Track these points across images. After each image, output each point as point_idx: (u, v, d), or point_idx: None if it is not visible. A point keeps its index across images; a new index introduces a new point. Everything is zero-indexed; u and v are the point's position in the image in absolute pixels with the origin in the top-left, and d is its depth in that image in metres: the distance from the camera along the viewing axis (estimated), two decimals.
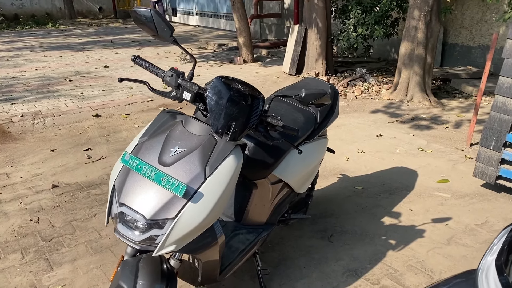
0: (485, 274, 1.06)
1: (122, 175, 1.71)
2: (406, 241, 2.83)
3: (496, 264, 1.03)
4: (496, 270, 1.02)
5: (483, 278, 1.06)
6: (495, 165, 3.30)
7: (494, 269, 1.03)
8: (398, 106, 5.76)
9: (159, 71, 1.82)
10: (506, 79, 3.18)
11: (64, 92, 6.46)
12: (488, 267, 1.06)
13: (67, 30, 14.55)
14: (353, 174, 3.80)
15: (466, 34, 7.43)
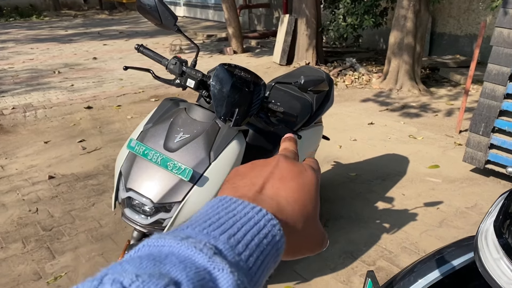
0: (484, 236, 1.13)
1: (128, 161, 1.74)
2: (400, 224, 2.91)
3: (494, 226, 1.11)
4: (495, 232, 1.10)
5: (483, 240, 1.13)
6: (484, 150, 3.40)
7: (493, 231, 1.10)
8: (388, 95, 5.85)
9: (163, 60, 1.85)
10: (494, 66, 3.27)
11: (54, 85, 6.42)
12: (487, 230, 1.14)
13: (52, 22, 14.35)
14: (346, 161, 3.88)
15: (454, 23, 7.54)
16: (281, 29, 7.54)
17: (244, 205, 0.38)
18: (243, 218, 0.37)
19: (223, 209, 0.37)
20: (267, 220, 0.37)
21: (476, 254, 1.14)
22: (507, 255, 1.07)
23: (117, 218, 3.01)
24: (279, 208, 0.40)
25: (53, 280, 2.42)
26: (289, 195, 0.42)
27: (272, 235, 0.37)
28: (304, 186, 0.43)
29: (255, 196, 0.41)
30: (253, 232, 0.36)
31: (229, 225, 0.35)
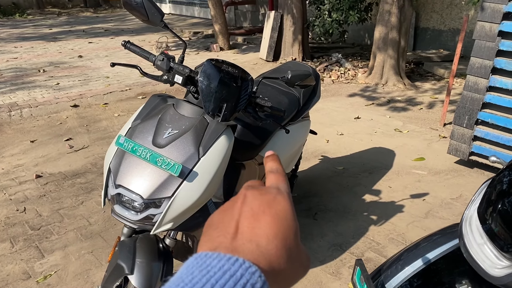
0: (469, 222, 1.17)
1: (117, 158, 1.75)
2: (387, 216, 2.96)
3: (478, 213, 1.14)
4: (478, 219, 1.13)
5: (467, 226, 1.17)
6: (468, 142, 3.46)
7: (476, 217, 1.14)
8: (374, 90, 5.91)
9: (150, 56, 1.86)
10: (477, 59, 3.33)
11: (39, 83, 6.35)
12: (471, 216, 1.17)
13: (36, 20, 14.16)
14: (333, 155, 3.92)
15: (437, 18, 7.63)
16: (267, 26, 7.56)
17: (220, 258, 0.36)
18: (218, 273, 0.34)
19: (197, 268, 0.35)
20: (244, 269, 0.35)
21: (461, 240, 1.18)
22: (491, 240, 1.10)
23: (106, 215, 3.01)
24: (261, 250, 0.38)
25: (42, 279, 2.42)
26: (267, 231, 0.39)
27: (252, 284, 0.34)
28: (280, 216, 0.40)
29: (232, 243, 0.38)
30: (229, 286, 0.34)
31: (202, 284, 0.33)
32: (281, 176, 0.47)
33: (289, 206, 0.42)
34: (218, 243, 0.39)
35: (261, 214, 0.40)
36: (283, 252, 0.39)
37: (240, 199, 0.43)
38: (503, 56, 3.19)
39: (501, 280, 1.10)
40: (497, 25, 3.18)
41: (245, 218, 0.40)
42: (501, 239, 1.12)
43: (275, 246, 0.38)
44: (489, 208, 1.13)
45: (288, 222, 0.40)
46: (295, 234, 0.41)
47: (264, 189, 0.44)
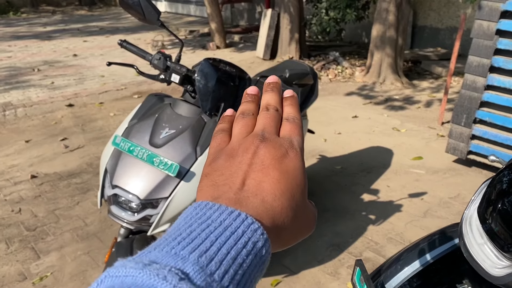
0: (469, 222, 1.16)
1: (114, 158, 1.72)
2: (385, 215, 2.95)
3: (478, 213, 1.13)
4: (479, 218, 1.12)
5: (467, 226, 1.15)
6: (466, 141, 3.45)
7: (477, 217, 1.13)
8: (371, 88, 5.90)
9: (147, 55, 1.83)
10: (474, 58, 3.32)
11: (33, 83, 6.30)
12: (471, 216, 1.16)
13: (30, 18, 14.07)
14: (331, 154, 3.90)
15: (435, 16, 7.63)
16: (264, 24, 7.53)
17: (221, 210, 0.34)
18: (218, 228, 0.33)
19: (196, 220, 0.34)
20: (246, 225, 0.34)
21: (461, 240, 1.17)
22: (491, 240, 1.09)
23: (103, 216, 2.98)
24: (265, 206, 0.36)
25: (38, 280, 2.39)
26: (274, 187, 0.38)
27: (253, 242, 0.33)
28: (289, 173, 0.39)
29: (237, 194, 0.37)
30: (229, 244, 0.32)
31: (201, 240, 0.32)
32: (297, 128, 0.44)
33: (300, 163, 0.41)
34: (221, 192, 0.37)
35: (271, 169, 0.39)
36: (288, 210, 0.38)
37: (252, 149, 0.40)
38: (501, 55, 3.18)
39: (502, 280, 1.08)
40: (495, 24, 3.16)
41: (253, 171, 0.39)
42: (502, 239, 1.10)
43: (281, 204, 0.37)
44: (489, 207, 1.12)
45: (297, 180, 0.39)
46: (302, 192, 0.40)
47: (277, 142, 0.41)
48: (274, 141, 0.41)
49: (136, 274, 0.28)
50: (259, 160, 0.39)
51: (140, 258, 0.30)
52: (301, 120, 0.45)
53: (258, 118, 0.44)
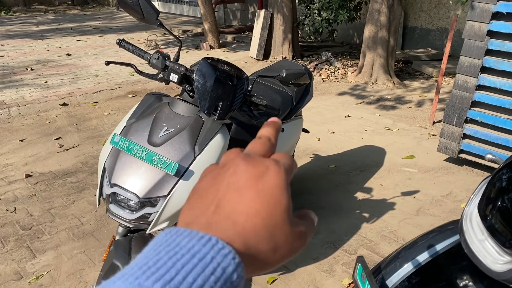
0: (469, 219, 1.19)
1: (112, 157, 1.74)
2: (379, 213, 2.99)
3: (478, 209, 1.16)
4: (479, 215, 1.15)
5: (468, 223, 1.19)
6: (458, 140, 3.51)
7: (477, 213, 1.16)
8: (363, 88, 5.96)
9: (145, 54, 1.85)
10: (466, 58, 3.38)
11: (27, 82, 6.27)
12: (471, 213, 1.19)
13: (22, 17, 13.97)
14: (325, 153, 3.94)
15: (425, 17, 7.71)
16: (257, 24, 7.56)
17: (191, 236, 0.33)
18: (186, 255, 0.31)
19: (165, 247, 0.32)
20: (216, 251, 0.32)
21: (462, 236, 1.20)
22: (492, 236, 1.12)
23: (99, 215, 2.99)
24: (236, 229, 0.35)
25: (34, 279, 2.40)
26: (247, 207, 0.35)
27: (223, 268, 0.32)
28: (265, 192, 0.36)
29: (209, 218, 0.35)
30: (196, 272, 0.31)
31: (166, 269, 0.30)
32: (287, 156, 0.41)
33: (281, 181, 0.37)
34: (194, 217, 0.36)
35: (247, 188, 0.36)
36: (262, 232, 0.35)
37: (232, 168, 0.38)
38: (492, 55, 3.24)
39: (503, 276, 1.12)
40: (486, 25, 3.22)
41: (229, 190, 0.37)
42: (502, 235, 1.14)
43: (253, 225, 0.35)
44: (490, 204, 1.15)
45: (275, 199, 0.36)
46: (283, 212, 0.36)
47: (259, 160, 0.38)
48: (256, 159, 0.39)
49: None
50: (236, 179, 0.37)
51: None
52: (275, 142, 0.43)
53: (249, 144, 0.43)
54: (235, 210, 0.35)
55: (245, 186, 0.36)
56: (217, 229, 0.35)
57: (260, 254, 0.36)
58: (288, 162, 0.40)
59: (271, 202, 0.36)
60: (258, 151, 0.41)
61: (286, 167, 0.39)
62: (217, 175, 0.39)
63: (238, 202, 0.36)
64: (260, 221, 0.35)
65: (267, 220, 0.36)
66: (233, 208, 0.36)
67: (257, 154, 0.40)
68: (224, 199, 0.36)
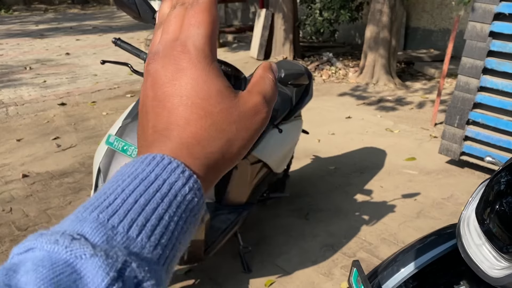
0: (467, 223, 1.16)
1: (107, 157, 1.71)
2: (379, 216, 2.95)
3: (476, 213, 1.13)
4: (476, 219, 1.12)
5: (465, 227, 1.15)
6: (459, 142, 3.47)
7: (474, 218, 1.13)
8: (364, 89, 5.92)
9: (141, 53, 1.81)
10: (468, 59, 3.34)
11: (25, 81, 6.24)
12: (469, 217, 1.16)
13: (22, 16, 13.95)
14: (325, 155, 3.90)
15: (428, 17, 7.67)
16: (258, 24, 7.52)
17: (135, 162, 0.31)
18: (127, 180, 0.30)
19: (111, 182, 0.31)
20: (161, 167, 0.30)
21: (459, 240, 1.17)
22: (489, 240, 1.09)
23: None
24: (175, 142, 0.32)
25: None
26: (178, 118, 0.33)
27: (170, 183, 0.30)
28: (188, 93, 0.33)
29: (151, 137, 0.33)
30: (138, 192, 0.29)
31: (105, 197, 0.29)
32: (196, 14, 0.34)
33: (197, 71, 0.33)
34: (140, 144, 0.35)
35: (169, 98, 0.33)
36: (204, 134, 0.32)
37: (150, 78, 0.34)
38: (494, 57, 3.21)
39: (500, 281, 1.08)
40: (488, 26, 3.18)
41: (155, 107, 0.34)
42: (500, 240, 1.11)
43: (190, 133, 0.32)
44: (487, 208, 1.12)
45: (201, 94, 0.33)
46: (219, 102, 0.33)
47: (167, 56, 0.34)
48: (163, 57, 0.34)
49: (32, 245, 0.26)
50: (155, 92, 0.34)
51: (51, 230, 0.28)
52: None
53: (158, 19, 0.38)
54: (167, 124, 0.33)
55: (164, 97, 0.33)
56: (160, 147, 0.32)
57: (215, 153, 0.33)
58: (198, 30, 0.34)
59: (197, 101, 0.33)
60: (167, 36, 0.35)
61: (199, 43, 0.33)
62: (144, 97, 0.36)
63: (167, 116, 0.33)
64: (194, 127, 0.32)
65: (203, 121, 0.32)
66: (165, 123, 0.33)
67: (168, 40, 0.34)
68: (154, 117, 0.34)
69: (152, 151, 0.32)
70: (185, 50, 0.33)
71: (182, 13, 0.35)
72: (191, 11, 0.34)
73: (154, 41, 0.37)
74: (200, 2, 0.34)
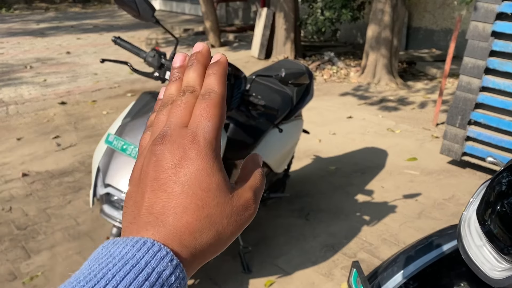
0: (467, 224, 1.14)
1: (106, 156, 1.70)
2: (379, 216, 2.94)
3: (477, 214, 1.12)
4: (477, 220, 1.10)
5: (466, 228, 1.14)
6: (461, 142, 3.45)
7: (475, 219, 1.11)
8: (366, 89, 5.90)
9: (141, 52, 1.80)
10: (470, 59, 3.32)
11: (26, 80, 6.23)
12: (470, 218, 1.15)
13: (23, 15, 13.94)
14: (326, 155, 3.89)
15: (430, 17, 7.65)
16: (259, 23, 7.51)
17: (125, 243, 0.31)
18: (118, 264, 0.30)
19: (99, 259, 0.30)
20: (151, 254, 0.30)
21: (460, 241, 1.15)
22: (490, 242, 1.08)
23: (95, 215, 2.94)
24: (169, 229, 0.32)
25: (29, 280, 2.35)
26: (174, 204, 0.33)
27: (158, 272, 0.30)
28: (190, 181, 0.33)
29: (145, 220, 0.33)
30: (128, 280, 0.29)
31: (96, 281, 0.29)
32: (209, 107, 0.35)
33: (203, 162, 0.34)
34: (127, 223, 0.34)
35: (169, 184, 0.33)
36: (197, 225, 0.33)
37: (152, 160, 0.34)
38: (496, 57, 3.19)
39: (501, 283, 1.07)
40: (490, 25, 3.17)
41: (154, 189, 0.34)
42: (501, 241, 1.09)
43: (185, 223, 0.33)
44: (488, 209, 1.11)
45: (203, 185, 0.33)
46: (216, 196, 0.34)
47: (175, 142, 0.34)
48: (172, 142, 0.34)
49: None
50: (156, 174, 0.34)
51: None
52: (223, 93, 0.37)
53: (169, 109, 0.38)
54: (164, 209, 0.33)
55: (167, 181, 0.33)
56: (153, 231, 0.32)
57: (203, 244, 0.34)
58: (210, 124, 0.35)
59: (198, 191, 0.33)
60: (176, 121, 0.35)
61: (210, 136, 0.35)
62: (141, 172, 0.36)
63: (165, 200, 0.33)
64: (191, 217, 0.33)
65: (199, 212, 0.33)
66: (161, 207, 0.33)
67: (177, 125, 0.35)
68: (152, 198, 0.34)
69: (144, 234, 0.32)
70: (195, 141, 0.34)
71: (191, 101, 0.36)
72: (203, 103, 0.36)
73: (159, 119, 0.37)
74: (212, 96, 0.36)
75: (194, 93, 0.37)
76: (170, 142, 0.34)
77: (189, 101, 0.36)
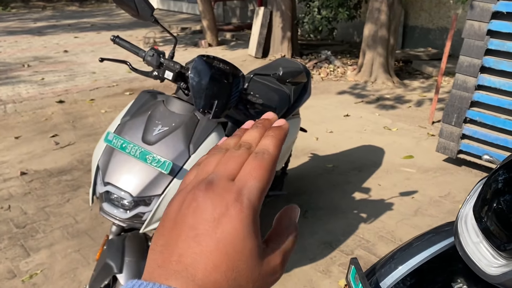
0: (464, 221, 1.16)
1: (106, 155, 1.71)
2: (376, 214, 2.96)
3: (473, 211, 1.14)
4: (474, 217, 1.13)
5: (463, 225, 1.16)
6: (457, 140, 3.48)
7: (472, 216, 1.14)
8: (363, 87, 5.93)
9: (140, 51, 1.82)
10: (465, 58, 3.35)
11: (23, 78, 6.23)
12: (467, 215, 1.17)
13: (20, 14, 13.91)
14: (323, 153, 3.91)
15: (426, 16, 7.68)
16: (256, 22, 7.52)
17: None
18: None
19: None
20: None
21: (457, 238, 1.17)
22: (487, 238, 1.10)
23: (93, 213, 2.96)
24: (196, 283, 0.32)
25: (28, 278, 2.36)
26: (206, 260, 0.32)
27: None
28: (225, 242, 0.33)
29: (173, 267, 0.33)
30: None
31: None
32: (261, 167, 0.35)
33: (242, 225, 0.33)
34: (154, 265, 0.33)
35: (205, 236, 0.33)
36: (223, 285, 0.32)
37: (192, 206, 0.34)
38: (491, 55, 3.21)
39: (497, 279, 1.09)
40: (486, 24, 3.19)
41: (188, 238, 0.33)
42: (497, 238, 1.11)
43: (214, 280, 0.32)
44: (485, 206, 1.13)
45: (237, 247, 0.33)
46: (247, 260, 0.33)
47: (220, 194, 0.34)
48: (217, 192, 0.34)
49: None
50: (195, 221, 0.33)
51: None
52: (276, 156, 0.37)
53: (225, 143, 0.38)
54: (195, 261, 0.32)
55: (203, 233, 0.33)
56: (182, 282, 0.32)
57: None
58: (257, 184, 0.35)
59: (231, 253, 0.33)
60: (224, 171, 0.35)
61: (254, 196, 0.34)
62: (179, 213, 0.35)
63: (197, 253, 0.32)
64: (220, 276, 0.32)
65: (229, 273, 0.32)
66: (193, 259, 0.32)
67: (224, 176, 0.35)
68: (186, 247, 0.33)
69: (173, 283, 0.32)
70: (239, 200, 0.34)
71: (244, 156, 0.36)
72: (255, 161, 0.35)
73: (209, 162, 0.37)
74: (265, 157, 0.36)
75: (249, 149, 0.37)
76: (214, 193, 0.34)
77: (242, 155, 0.36)
